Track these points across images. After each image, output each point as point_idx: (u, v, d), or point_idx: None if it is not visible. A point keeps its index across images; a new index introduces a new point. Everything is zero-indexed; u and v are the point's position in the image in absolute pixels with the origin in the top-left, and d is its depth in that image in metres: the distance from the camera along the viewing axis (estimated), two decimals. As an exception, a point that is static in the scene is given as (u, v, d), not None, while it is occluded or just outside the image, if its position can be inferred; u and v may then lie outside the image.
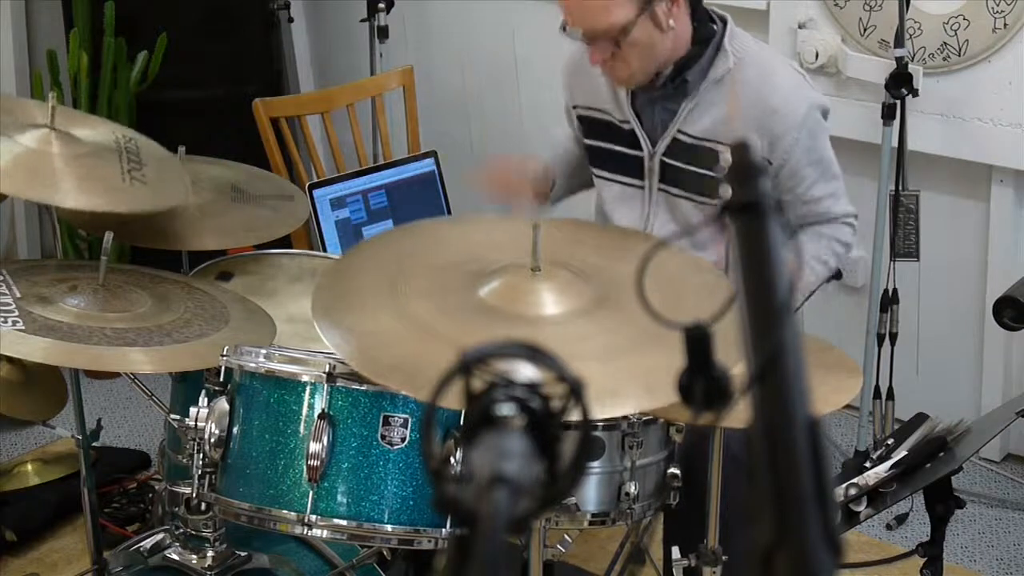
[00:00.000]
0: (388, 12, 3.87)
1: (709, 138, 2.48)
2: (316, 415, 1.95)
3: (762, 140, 2.44)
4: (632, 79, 2.47)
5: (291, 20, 4.37)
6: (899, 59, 3.15)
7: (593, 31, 2.39)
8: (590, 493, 2.09)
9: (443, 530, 1.97)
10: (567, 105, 2.73)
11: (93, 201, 2.31)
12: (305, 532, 1.98)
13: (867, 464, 2.06)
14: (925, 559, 2.08)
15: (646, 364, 1.78)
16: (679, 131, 2.51)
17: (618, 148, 2.60)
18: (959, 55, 3.25)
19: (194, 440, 2.01)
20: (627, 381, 1.83)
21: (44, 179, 2.30)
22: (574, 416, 0.87)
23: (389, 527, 1.96)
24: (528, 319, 1.95)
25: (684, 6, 2.43)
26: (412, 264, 2.12)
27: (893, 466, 2.02)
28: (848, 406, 3.41)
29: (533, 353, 0.86)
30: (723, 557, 2.16)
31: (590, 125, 2.65)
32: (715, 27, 2.49)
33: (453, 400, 0.87)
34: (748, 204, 0.87)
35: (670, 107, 2.52)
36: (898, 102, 3.20)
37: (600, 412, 1.84)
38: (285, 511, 1.97)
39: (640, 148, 2.57)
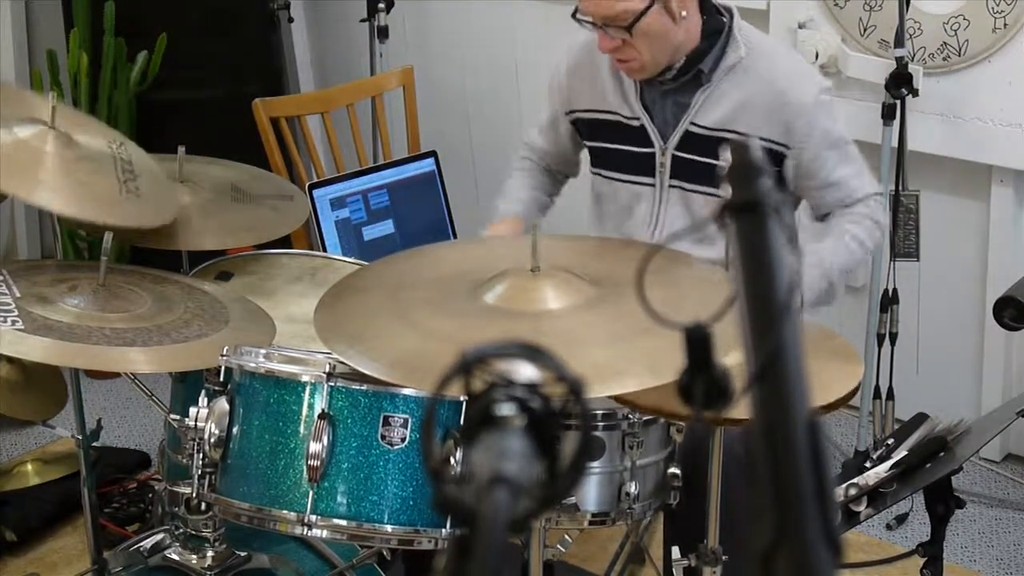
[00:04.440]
0: (388, 12, 3.87)
1: (723, 128, 2.48)
2: (316, 415, 1.95)
3: (776, 127, 2.45)
4: (644, 70, 2.47)
5: (291, 20, 4.37)
6: (899, 59, 3.15)
7: (605, 17, 2.39)
8: (590, 493, 2.09)
9: (443, 530, 1.97)
10: (557, 113, 2.70)
11: (87, 211, 2.29)
12: (305, 532, 1.98)
13: (867, 464, 2.06)
14: (925, 559, 2.08)
15: (649, 346, 1.80)
16: (692, 123, 2.51)
17: (625, 147, 2.59)
18: (959, 55, 3.25)
19: (194, 440, 2.01)
20: (631, 362, 1.85)
21: (33, 177, 2.26)
22: (574, 416, 0.87)
23: (389, 527, 1.96)
24: (531, 315, 1.96)
25: None
26: (413, 280, 2.15)
27: (893, 466, 2.02)
28: (848, 406, 3.42)
29: (533, 353, 0.86)
30: (723, 557, 2.15)
31: (594, 127, 2.64)
32: (723, 19, 2.50)
33: (456, 390, 0.87)
34: (748, 204, 0.87)
35: (681, 100, 2.52)
36: (898, 102, 3.20)
37: (605, 391, 1.86)
38: (285, 511, 1.97)
39: (650, 145, 2.56)
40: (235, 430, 2.02)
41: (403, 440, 1.95)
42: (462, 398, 1.96)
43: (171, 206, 2.47)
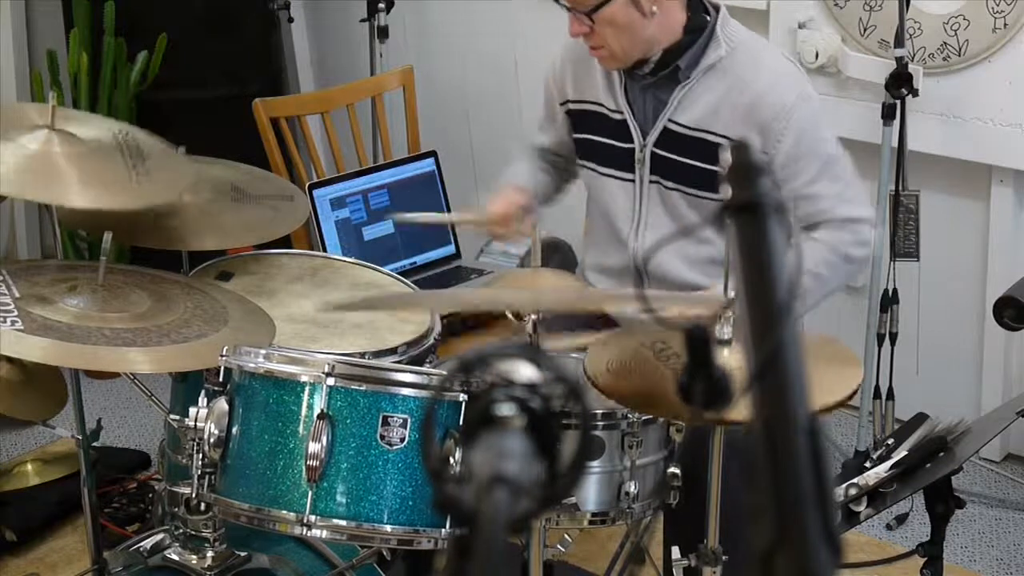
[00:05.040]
0: (388, 12, 3.88)
1: (700, 128, 2.48)
2: (315, 415, 1.95)
3: (752, 129, 2.42)
4: (614, 59, 2.47)
5: (291, 20, 4.37)
6: (899, 59, 3.15)
7: (572, 1, 2.41)
8: (590, 492, 2.09)
9: (443, 530, 1.97)
10: (555, 104, 2.71)
11: (103, 200, 2.30)
12: (304, 532, 1.98)
13: (867, 464, 2.06)
14: (925, 559, 2.08)
15: None
16: (670, 120, 2.51)
17: (608, 140, 2.60)
18: (959, 55, 3.25)
19: (194, 440, 2.01)
20: None
21: (50, 180, 2.28)
22: (573, 416, 0.87)
23: (388, 527, 1.96)
24: None
25: None
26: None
27: (893, 466, 2.02)
28: (848, 406, 3.42)
29: (533, 353, 0.86)
30: (723, 557, 2.15)
31: (581, 118, 2.65)
32: (708, 17, 2.49)
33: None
34: (748, 204, 0.87)
35: (661, 96, 2.52)
36: (898, 102, 3.20)
37: None
38: (284, 511, 1.96)
39: (631, 140, 2.56)
40: (234, 430, 2.02)
41: (402, 440, 1.95)
42: (462, 398, 1.96)
43: (182, 179, 2.47)
